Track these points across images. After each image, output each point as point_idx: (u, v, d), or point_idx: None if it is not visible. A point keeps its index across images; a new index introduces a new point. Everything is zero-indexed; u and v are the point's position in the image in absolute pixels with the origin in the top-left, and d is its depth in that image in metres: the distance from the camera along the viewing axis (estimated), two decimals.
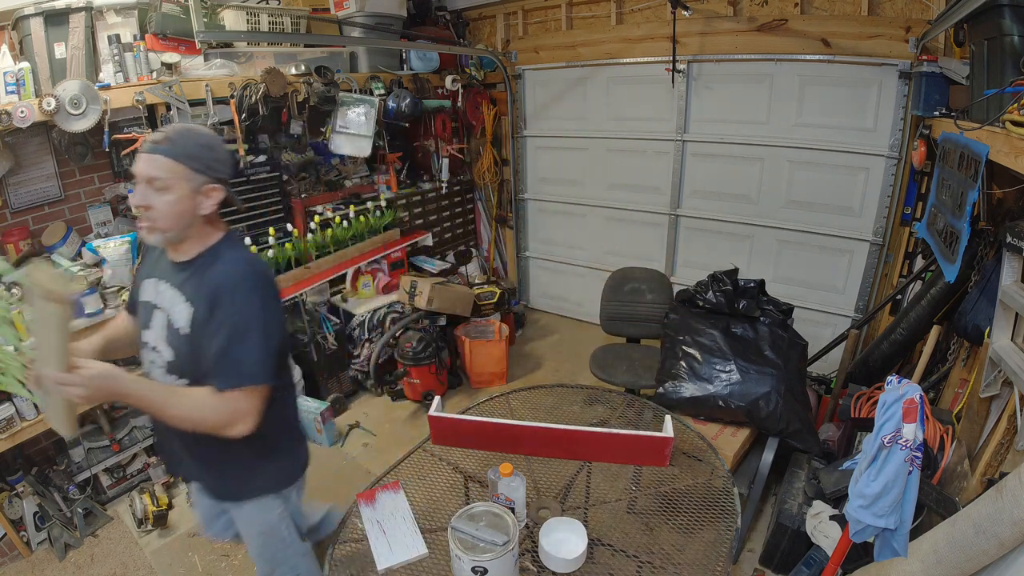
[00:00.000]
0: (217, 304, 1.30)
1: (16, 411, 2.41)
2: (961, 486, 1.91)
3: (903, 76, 2.91)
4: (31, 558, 2.51)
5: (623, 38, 3.81)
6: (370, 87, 3.58)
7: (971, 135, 1.90)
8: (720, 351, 2.46)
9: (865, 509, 1.44)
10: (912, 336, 2.75)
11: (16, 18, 2.55)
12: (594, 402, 2.22)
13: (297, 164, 3.63)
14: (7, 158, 2.53)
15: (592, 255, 4.53)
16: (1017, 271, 1.80)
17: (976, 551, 1.38)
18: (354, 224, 3.66)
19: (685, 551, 1.49)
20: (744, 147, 3.55)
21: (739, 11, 3.41)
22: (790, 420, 2.30)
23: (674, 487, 1.69)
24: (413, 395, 3.61)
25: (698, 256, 3.99)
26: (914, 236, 3.06)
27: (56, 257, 2.70)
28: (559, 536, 1.43)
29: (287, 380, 1.58)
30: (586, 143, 4.25)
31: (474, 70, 4.41)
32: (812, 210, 3.45)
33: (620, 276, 3.17)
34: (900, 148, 3.04)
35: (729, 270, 2.67)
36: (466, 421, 1.80)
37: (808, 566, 2.06)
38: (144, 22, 2.82)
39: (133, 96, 2.61)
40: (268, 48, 3.33)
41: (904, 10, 2.94)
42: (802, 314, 3.41)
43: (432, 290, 3.51)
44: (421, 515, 1.62)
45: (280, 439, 1.55)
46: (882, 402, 1.45)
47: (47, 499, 2.57)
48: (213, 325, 1.29)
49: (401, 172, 4.27)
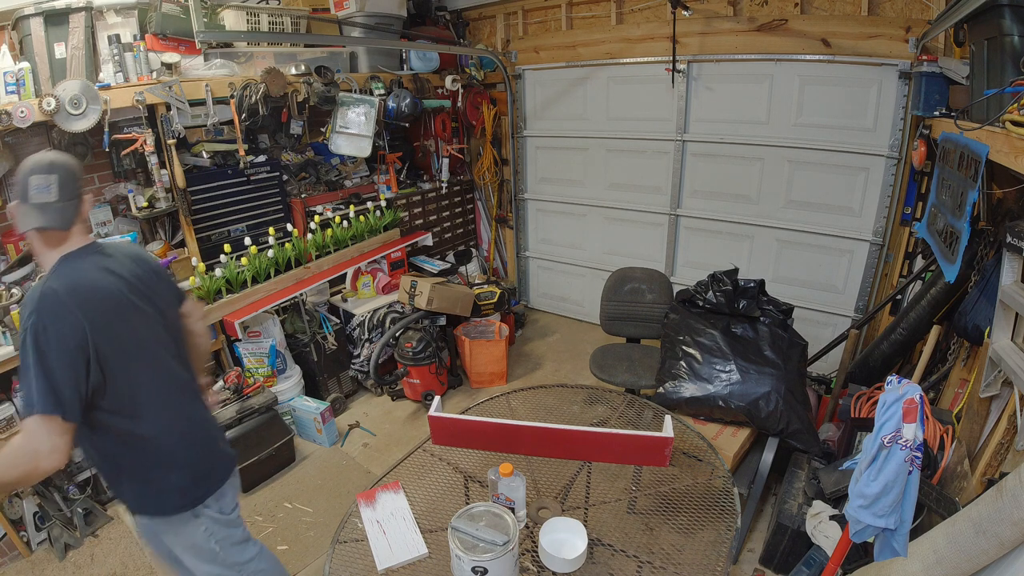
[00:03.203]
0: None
1: (16, 411, 2.41)
2: (961, 486, 1.91)
3: (903, 76, 2.91)
4: (31, 558, 2.51)
5: (623, 38, 3.81)
6: (370, 87, 3.58)
7: (971, 135, 1.90)
8: (720, 351, 2.46)
9: (865, 509, 1.44)
10: (912, 336, 2.75)
11: (16, 18, 2.55)
12: (594, 402, 2.22)
13: (297, 164, 3.64)
14: (7, 158, 2.53)
15: (592, 255, 4.54)
16: (1017, 271, 1.80)
17: (976, 551, 1.38)
18: (354, 224, 3.66)
19: (685, 551, 1.49)
20: (744, 147, 3.56)
21: (739, 11, 3.41)
22: (790, 420, 2.30)
23: (674, 487, 1.69)
24: (413, 395, 3.61)
25: (698, 256, 3.99)
26: (914, 236, 3.06)
27: None
28: (559, 536, 1.43)
29: (122, 408, 1.41)
30: (586, 143, 4.25)
31: (474, 70, 4.42)
32: (812, 210, 3.45)
33: (620, 276, 3.17)
34: (900, 148, 3.04)
35: (729, 270, 2.67)
36: (466, 421, 1.80)
37: (808, 566, 2.06)
38: (144, 22, 2.82)
39: (133, 96, 2.62)
40: (268, 48, 3.33)
41: (904, 10, 2.94)
42: (802, 314, 3.41)
43: (432, 290, 3.51)
44: (421, 515, 1.62)
45: (134, 467, 1.47)
46: (882, 402, 1.45)
47: (47, 499, 2.57)
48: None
49: (401, 172, 4.27)
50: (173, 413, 1.52)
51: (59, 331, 1.28)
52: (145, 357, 1.46)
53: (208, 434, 1.64)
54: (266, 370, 3.19)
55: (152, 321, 1.50)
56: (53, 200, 1.34)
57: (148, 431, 1.46)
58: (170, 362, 1.54)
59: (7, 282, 2.55)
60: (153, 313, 1.50)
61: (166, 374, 1.52)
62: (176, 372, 1.55)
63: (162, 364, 1.51)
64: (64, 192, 1.36)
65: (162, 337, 1.53)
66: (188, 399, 1.59)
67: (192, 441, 1.56)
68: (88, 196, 1.47)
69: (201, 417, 1.63)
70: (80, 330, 1.29)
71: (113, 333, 1.37)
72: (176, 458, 1.51)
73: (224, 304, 3.08)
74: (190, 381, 1.62)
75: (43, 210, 1.34)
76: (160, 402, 1.49)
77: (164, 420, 1.50)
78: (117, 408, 1.40)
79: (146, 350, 1.47)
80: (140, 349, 1.45)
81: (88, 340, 1.30)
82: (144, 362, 1.45)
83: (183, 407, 1.56)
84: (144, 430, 1.45)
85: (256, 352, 3.17)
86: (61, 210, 1.36)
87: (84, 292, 1.35)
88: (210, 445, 1.63)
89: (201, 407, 1.64)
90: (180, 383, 1.57)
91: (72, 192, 1.39)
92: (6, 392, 2.42)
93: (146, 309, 1.48)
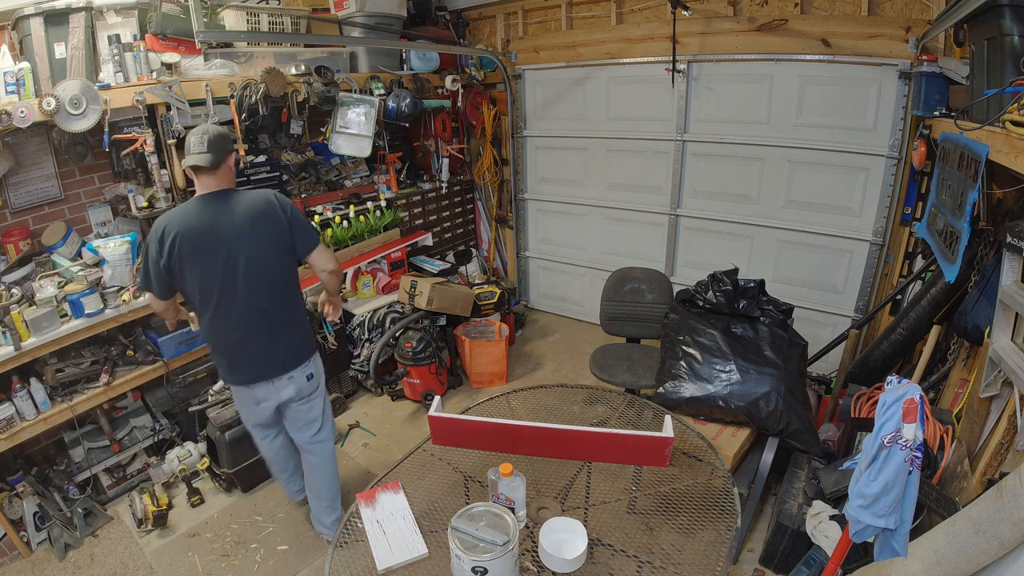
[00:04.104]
0: None
1: (16, 411, 2.41)
2: (961, 486, 1.91)
3: (903, 76, 2.91)
4: (31, 558, 2.51)
5: (623, 38, 3.81)
6: (370, 87, 3.58)
7: (971, 135, 1.90)
8: (720, 351, 2.46)
9: (865, 509, 1.44)
10: (912, 336, 2.75)
11: (16, 18, 2.55)
12: (594, 402, 2.22)
13: (297, 164, 3.63)
14: (7, 158, 2.53)
15: (592, 255, 4.54)
16: (1017, 271, 1.80)
17: (976, 551, 1.38)
18: (354, 224, 3.66)
19: (685, 551, 1.49)
20: (744, 147, 3.56)
21: (739, 11, 3.41)
22: (790, 420, 2.30)
23: (674, 487, 1.69)
24: (413, 395, 3.61)
25: (698, 256, 3.99)
26: (914, 236, 3.06)
27: (56, 257, 2.70)
28: (559, 536, 1.43)
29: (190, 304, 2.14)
30: (586, 143, 4.25)
31: (474, 70, 4.41)
32: (812, 210, 3.45)
33: (620, 276, 3.17)
34: (900, 148, 3.04)
35: (729, 270, 2.67)
36: (466, 421, 1.80)
37: (808, 566, 2.06)
38: (144, 22, 2.82)
39: (133, 96, 2.61)
40: (268, 48, 3.33)
41: (904, 10, 2.94)
42: (802, 314, 3.41)
43: (432, 290, 3.51)
44: (421, 515, 1.62)
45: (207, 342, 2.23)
46: (882, 402, 1.45)
47: (47, 499, 2.57)
48: None
49: (401, 172, 4.27)
50: (214, 321, 2.09)
51: (149, 248, 2.00)
52: (202, 278, 2.01)
53: (239, 344, 2.12)
54: None
55: (220, 256, 1.99)
56: (204, 151, 1.96)
57: (203, 325, 2.14)
58: (225, 285, 2.03)
59: (7, 282, 2.55)
60: (225, 250, 1.99)
61: (216, 293, 2.03)
62: (228, 294, 2.04)
63: (214, 286, 2.02)
64: (212, 146, 1.97)
65: (227, 268, 2.01)
66: (226, 312, 2.06)
67: (226, 344, 2.14)
68: (233, 155, 2.10)
69: (236, 328, 2.09)
70: (159, 252, 1.98)
71: (181, 258, 1.98)
72: (216, 349, 2.19)
73: None
74: (245, 302, 2.06)
75: (195, 158, 1.97)
76: (207, 310, 2.07)
77: (208, 322, 2.11)
78: (189, 303, 2.14)
79: (204, 275, 2.01)
80: (199, 273, 2.01)
81: (162, 258, 1.98)
82: (200, 282, 2.02)
83: (221, 319, 2.08)
84: (202, 323, 2.14)
85: None
86: (208, 157, 1.96)
87: (174, 228, 1.97)
88: (240, 351, 2.13)
89: (242, 322, 2.09)
90: (228, 301, 2.05)
91: (217, 148, 1.99)
92: (6, 392, 2.42)
93: (219, 246, 1.99)
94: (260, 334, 2.11)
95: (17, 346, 2.33)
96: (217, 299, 2.04)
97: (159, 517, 2.63)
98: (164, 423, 2.99)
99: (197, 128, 2.00)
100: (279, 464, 2.55)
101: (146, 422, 2.97)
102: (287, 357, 2.19)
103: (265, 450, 2.50)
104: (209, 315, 2.07)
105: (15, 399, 2.40)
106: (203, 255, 1.98)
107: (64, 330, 2.47)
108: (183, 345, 2.91)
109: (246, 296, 2.05)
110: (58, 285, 2.52)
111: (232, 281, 2.02)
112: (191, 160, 1.96)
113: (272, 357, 2.16)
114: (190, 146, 1.97)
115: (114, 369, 2.72)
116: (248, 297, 2.05)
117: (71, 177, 2.86)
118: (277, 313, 2.13)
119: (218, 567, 2.45)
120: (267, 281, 2.08)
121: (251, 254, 2.02)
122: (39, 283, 2.52)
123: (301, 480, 2.57)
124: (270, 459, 2.54)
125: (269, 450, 2.49)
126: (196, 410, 2.96)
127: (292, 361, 2.20)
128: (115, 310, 2.62)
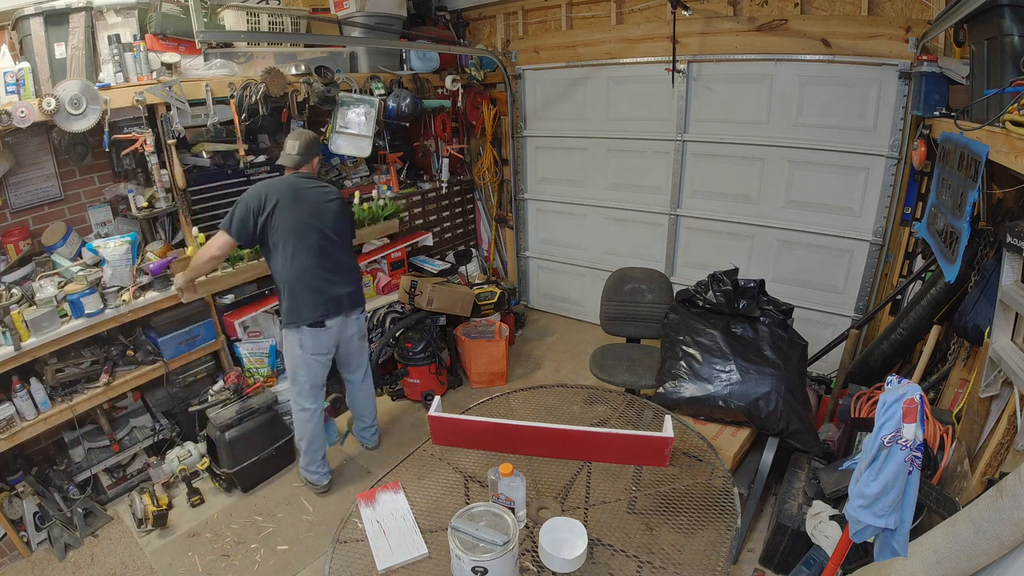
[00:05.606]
0: None
1: (16, 411, 2.41)
2: (961, 486, 1.91)
3: (903, 76, 2.91)
4: (31, 558, 2.51)
5: (623, 38, 3.81)
6: (370, 87, 3.58)
7: (971, 135, 1.90)
8: (720, 351, 2.46)
9: (865, 509, 1.44)
10: (912, 336, 2.75)
11: (16, 18, 2.55)
12: (594, 402, 2.22)
13: None
14: (7, 158, 2.53)
15: (592, 255, 4.54)
16: (1017, 271, 1.80)
17: (976, 551, 1.38)
18: (358, 211, 3.62)
19: (685, 551, 1.49)
20: (744, 147, 3.55)
21: (739, 11, 3.41)
22: (790, 420, 2.30)
23: (674, 487, 1.68)
24: (413, 395, 3.61)
25: (698, 256, 3.99)
26: (914, 236, 3.06)
27: (56, 257, 2.70)
28: (559, 536, 1.43)
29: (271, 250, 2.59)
30: (586, 143, 4.25)
31: (474, 70, 4.41)
32: (812, 210, 3.45)
33: (620, 276, 3.17)
34: (900, 148, 3.04)
35: (729, 270, 2.67)
36: (466, 421, 1.80)
37: (808, 566, 2.06)
38: (144, 22, 2.82)
39: (133, 96, 2.61)
40: (268, 48, 3.33)
41: (904, 10, 2.94)
42: (802, 314, 3.41)
43: (432, 290, 3.51)
44: (421, 515, 1.62)
45: (278, 288, 2.64)
46: (882, 402, 1.45)
47: (47, 499, 2.57)
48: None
49: (401, 172, 4.26)
50: (300, 259, 2.55)
51: (247, 200, 2.51)
52: (289, 231, 2.52)
53: (322, 280, 2.60)
54: (266, 370, 3.19)
55: (307, 209, 2.56)
56: (294, 153, 2.64)
57: (285, 268, 2.56)
58: (309, 239, 2.56)
59: (7, 282, 2.55)
60: (307, 213, 2.56)
61: (301, 243, 2.54)
62: (310, 244, 2.56)
63: (298, 237, 2.54)
64: (302, 150, 2.65)
65: (310, 226, 2.56)
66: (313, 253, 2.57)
67: (311, 281, 2.57)
68: (318, 158, 2.77)
69: (320, 266, 2.59)
70: (254, 205, 2.49)
71: (279, 208, 2.51)
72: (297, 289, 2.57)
73: (224, 304, 3.08)
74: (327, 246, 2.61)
75: (287, 158, 2.66)
76: (296, 250, 2.54)
77: (292, 262, 2.55)
78: (270, 249, 2.58)
79: (289, 229, 2.52)
80: (293, 220, 2.53)
81: (262, 211, 2.50)
82: (294, 224, 2.53)
83: (308, 256, 2.56)
84: (285, 266, 2.56)
85: (256, 352, 3.17)
86: (295, 159, 2.66)
87: (268, 189, 2.54)
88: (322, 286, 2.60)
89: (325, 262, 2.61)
90: (315, 244, 2.57)
91: (305, 151, 2.66)
92: (6, 392, 2.42)
93: (307, 203, 2.57)
94: (338, 273, 2.66)
95: (17, 346, 2.33)
96: (306, 242, 2.55)
97: (159, 517, 2.63)
98: (164, 423, 2.99)
99: (292, 132, 2.70)
100: (319, 442, 2.81)
101: (146, 422, 2.97)
102: (356, 298, 2.76)
103: (311, 427, 2.76)
104: (296, 255, 2.54)
105: (15, 399, 2.40)
106: (297, 205, 2.54)
107: (64, 330, 2.47)
108: (183, 345, 2.91)
109: (327, 243, 2.61)
110: (58, 285, 2.53)
111: (318, 231, 2.58)
112: (285, 160, 2.65)
113: (346, 297, 2.68)
114: (287, 148, 2.65)
115: (114, 369, 2.72)
116: (328, 244, 2.61)
117: (71, 177, 2.86)
118: (347, 262, 2.75)
119: (218, 567, 2.45)
120: (340, 235, 2.69)
121: (329, 214, 2.63)
122: (39, 283, 2.52)
123: (328, 463, 2.91)
124: (311, 437, 2.78)
125: (315, 426, 2.77)
126: (196, 410, 2.96)
127: (359, 301, 2.79)
128: (115, 310, 2.62)
